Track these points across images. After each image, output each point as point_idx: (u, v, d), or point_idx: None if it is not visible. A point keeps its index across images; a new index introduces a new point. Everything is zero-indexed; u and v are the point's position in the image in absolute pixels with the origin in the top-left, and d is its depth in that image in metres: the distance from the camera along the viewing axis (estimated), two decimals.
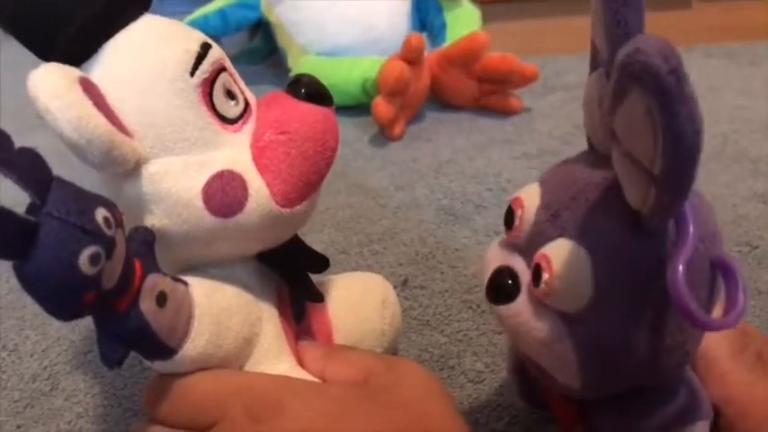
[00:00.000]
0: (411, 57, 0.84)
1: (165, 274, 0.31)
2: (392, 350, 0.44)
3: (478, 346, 0.48)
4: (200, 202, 0.31)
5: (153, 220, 0.32)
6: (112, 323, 0.28)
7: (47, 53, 0.32)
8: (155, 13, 0.34)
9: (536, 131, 0.86)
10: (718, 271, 0.27)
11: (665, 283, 0.25)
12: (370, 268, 0.58)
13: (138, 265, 0.29)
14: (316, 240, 0.63)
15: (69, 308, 0.26)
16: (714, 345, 0.33)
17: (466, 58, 0.90)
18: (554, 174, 0.31)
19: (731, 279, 0.26)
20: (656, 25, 0.27)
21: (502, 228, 0.33)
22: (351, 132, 0.90)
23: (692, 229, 0.26)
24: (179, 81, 0.31)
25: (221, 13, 1.04)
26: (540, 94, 0.97)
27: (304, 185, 0.33)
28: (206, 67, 0.32)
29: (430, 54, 0.92)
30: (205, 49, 0.32)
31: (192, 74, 0.32)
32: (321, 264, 0.40)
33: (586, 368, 0.28)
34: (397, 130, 0.87)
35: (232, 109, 0.33)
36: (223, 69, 0.33)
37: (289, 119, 0.33)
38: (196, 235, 0.32)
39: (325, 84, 0.35)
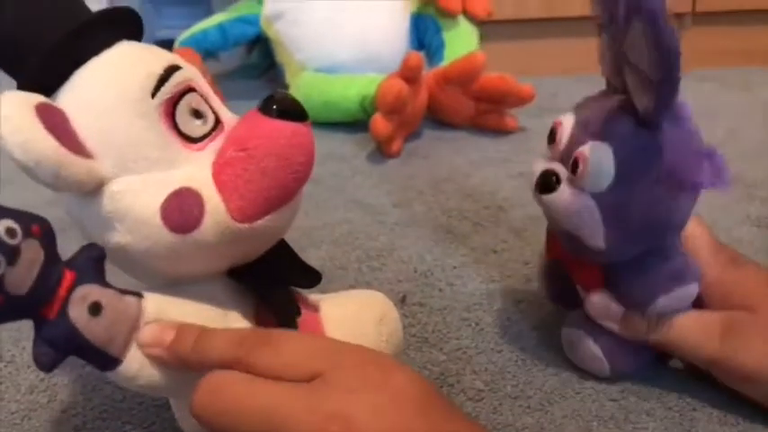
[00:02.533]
0: (410, 75, 0.85)
1: (108, 286, 0.32)
2: None
3: (477, 364, 0.48)
4: (158, 220, 0.32)
5: (117, 238, 0.33)
6: (44, 328, 0.31)
7: (21, 77, 0.34)
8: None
9: (532, 151, 0.87)
10: (707, 156, 0.38)
11: (667, 163, 0.38)
12: (368, 285, 0.58)
13: (69, 275, 0.31)
14: (314, 256, 0.63)
15: None
16: (699, 248, 0.44)
17: (463, 77, 0.91)
18: (583, 102, 0.43)
19: (716, 160, 0.38)
20: None
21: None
22: (348, 148, 0.91)
23: (685, 121, 0.38)
24: (140, 102, 0.33)
25: (220, 27, 1.05)
26: (535, 114, 0.98)
27: (263, 201, 0.33)
28: (168, 88, 0.33)
29: (428, 73, 0.92)
30: (169, 71, 0.34)
31: (153, 95, 0.33)
32: (312, 278, 0.40)
33: (611, 231, 0.39)
34: (395, 147, 0.88)
35: (197, 128, 0.34)
36: (190, 90, 0.34)
37: (251, 135, 0.33)
38: (157, 252, 0.33)
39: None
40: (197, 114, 0.34)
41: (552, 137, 0.43)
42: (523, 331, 0.52)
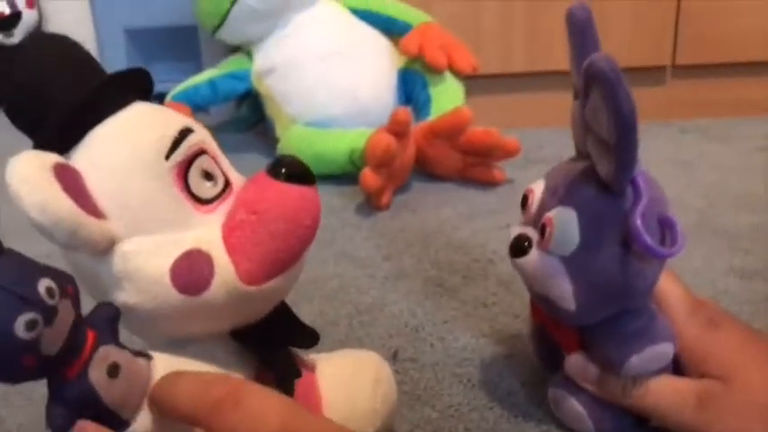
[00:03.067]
0: (398, 129, 0.86)
1: (123, 348, 0.32)
2: (387, 429, 0.44)
3: (470, 421, 0.48)
4: (168, 280, 0.32)
5: (125, 297, 0.33)
6: (62, 389, 0.30)
7: (36, 137, 0.34)
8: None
9: (519, 202, 0.88)
10: (665, 225, 0.39)
11: (628, 228, 0.38)
12: (359, 340, 0.59)
13: (91, 335, 0.31)
14: (305, 311, 0.63)
15: (7, 370, 0.28)
16: (674, 309, 0.44)
17: (451, 131, 0.93)
18: (553, 169, 0.44)
19: (673, 228, 0.39)
20: None
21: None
22: (337, 201, 0.92)
23: (642, 189, 0.38)
24: (153, 165, 0.33)
25: (211, 83, 1.06)
26: (521, 166, 1.00)
27: (272, 264, 0.34)
28: (181, 151, 0.34)
29: (416, 127, 0.94)
30: (183, 134, 0.34)
31: (168, 157, 0.34)
32: (310, 339, 0.40)
33: (579, 293, 0.41)
34: (385, 199, 0.89)
35: (208, 190, 0.35)
36: (202, 153, 0.35)
37: (261, 198, 0.34)
38: (165, 312, 0.33)
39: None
40: (208, 176, 0.35)
41: (524, 202, 0.45)
42: (514, 387, 0.52)
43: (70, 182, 0.31)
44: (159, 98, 1.03)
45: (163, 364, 0.34)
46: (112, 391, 0.31)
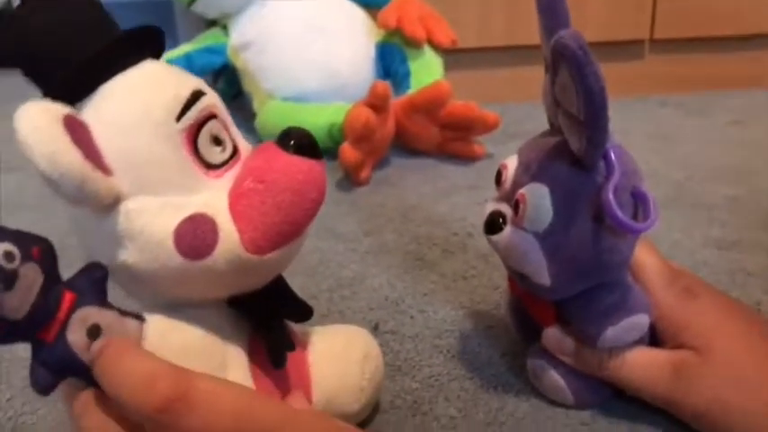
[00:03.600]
0: (377, 103, 0.86)
1: (111, 308, 0.32)
2: (372, 405, 0.44)
3: (450, 391, 0.48)
4: (170, 243, 0.32)
5: (125, 256, 0.33)
6: (42, 351, 0.30)
7: (47, 88, 0.33)
8: None
9: None
10: (638, 198, 0.39)
11: (601, 203, 0.38)
12: (340, 313, 0.59)
13: (69, 297, 0.30)
14: None
15: None
16: (651, 279, 0.44)
17: (430, 105, 0.92)
18: (526, 144, 0.44)
19: (646, 202, 0.39)
20: (610, 76, 0.35)
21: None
22: None
23: (615, 164, 0.38)
24: (163, 125, 0.32)
25: (187, 57, 1.05)
26: (500, 140, 1.00)
27: (276, 235, 0.33)
28: (193, 113, 0.33)
29: (395, 101, 0.94)
30: (195, 96, 0.34)
31: (178, 119, 0.33)
32: (304, 313, 0.40)
33: (554, 268, 0.41)
34: (364, 175, 0.88)
35: (217, 155, 0.34)
36: (213, 117, 0.34)
37: (269, 168, 0.34)
38: (165, 274, 0.33)
39: None
40: (217, 141, 0.35)
41: (498, 178, 0.44)
42: (494, 357, 0.52)
43: (79, 135, 0.30)
44: None
45: (155, 325, 0.33)
46: (93, 352, 0.30)
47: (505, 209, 0.43)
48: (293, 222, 0.34)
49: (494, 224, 0.43)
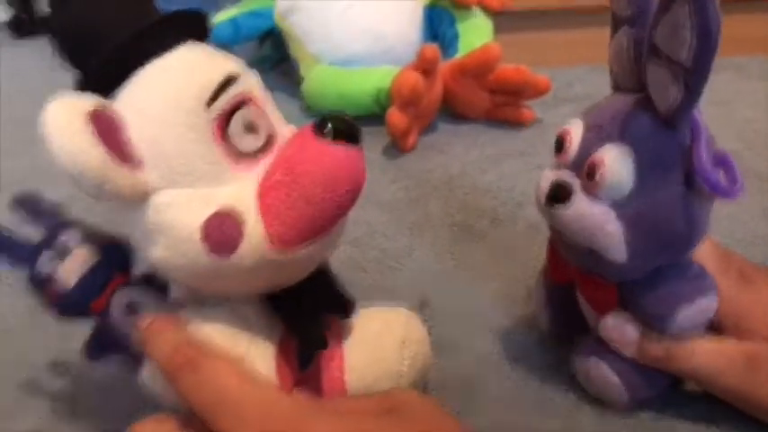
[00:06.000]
0: (425, 67, 0.84)
1: (150, 293, 0.38)
2: (416, 388, 0.43)
3: (500, 371, 0.48)
4: (198, 238, 0.31)
5: (158, 251, 0.32)
6: (93, 323, 0.39)
7: (83, 75, 0.33)
8: None
9: (548, 143, 0.86)
10: (721, 162, 0.36)
11: (689, 165, 0.36)
12: (387, 288, 0.58)
13: (118, 279, 0.38)
14: (333, 258, 0.63)
15: (46, 301, 0.38)
16: (706, 264, 0.41)
17: (479, 69, 0.90)
18: (593, 107, 0.41)
19: (730, 165, 0.36)
20: None
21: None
22: (363, 143, 0.90)
23: (701, 124, 0.36)
24: (193, 114, 0.32)
25: (233, 21, 1.04)
26: (551, 105, 0.97)
27: (305, 229, 0.32)
28: (223, 101, 0.32)
29: (443, 65, 0.92)
30: (227, 82, 0.32)
31: (209, 106, 0.32)
32: (346, 308, 0.39)
33: (633, 242, 0.37)
34: (411, 141, 0.87)
35: (250, 143, 0.33)
36: (247, 102, 0.33)
37: (300, 159, 0.32)
38: (194, 270, 0.32)
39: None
40: (251, 127, 0.33)
41: (560, 145, 0.41)
42: (544, 335, 0.51)
43: (106, 129, 0.30)
44: None
45: (191, 312, 0.35)
46: (130, 326, 0.36)
47: (569, 177, 0.39)
48: (324, 216, 0.32)
49: (559, 194, 0.39)
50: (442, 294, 0.57)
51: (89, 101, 0.31)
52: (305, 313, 0.37)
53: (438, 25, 1.03)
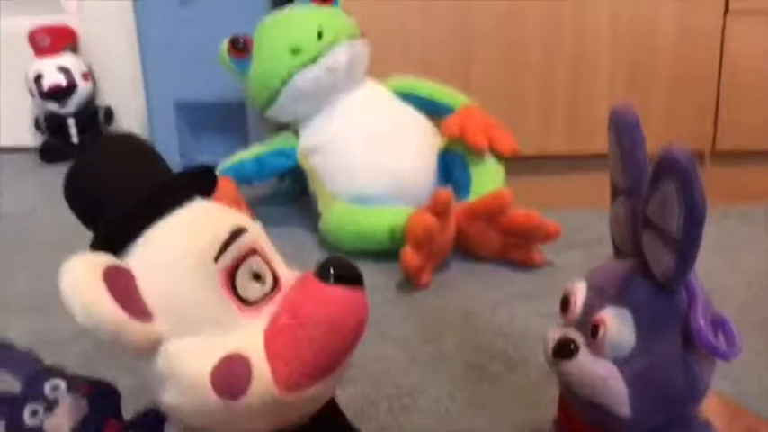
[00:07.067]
0: (439, 210, 0.88)
1: None
2: None
3: None
4: (208, 383, 0.33)
5: (169, 397, 0.34)
6: None
7: (97, 234, 0.36)
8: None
9: (558, 288, 0.87)
10: (718, 324, 0.38)
11: (688, 328, 0.38)
12: (399, 426, 0.59)
13: (111, 428, 0.36)
14: (346, 393, 0.63)
15: None
16: (712, 418, 0.41)
17: (491, 213, 0.94)
18: (596, 269, 0.44)
19: (727, 327, 0.39)
20: None
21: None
22: (378, 278, 0.92)
23: (697, 288, 0.39)
24: (202, 267, 0.34)
25: (258, 159, 1.09)
26: (561, 248, 1.00)
27: (311, 370, 0.34)
28: (230, 254, 0.35)
29: (456, 207, 0.95)
30: (233, 236, 0.35)
31: (216, 260, 0.34)
32: None
33: (636, 397, 0.39)
34: (425, 278, 0.90)
35: (255, 291, 0.36)
36: (253, 253, 0.36)
37: (303, 302, 0.34)
38: (204, 413, 0.34)
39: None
40: (257, 277, 0.36)
41: (565, 305, 0.43)
42: None
43: (120, 284, 0.33)
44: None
45: None
46: None
47: (574, 334, 0.42)
48: (328, 356, 0.34)
49: (565, 350, 0.41)
50: None
51: (103, 258, 0.33)
52: None
53: (452, 169, 1.08)
